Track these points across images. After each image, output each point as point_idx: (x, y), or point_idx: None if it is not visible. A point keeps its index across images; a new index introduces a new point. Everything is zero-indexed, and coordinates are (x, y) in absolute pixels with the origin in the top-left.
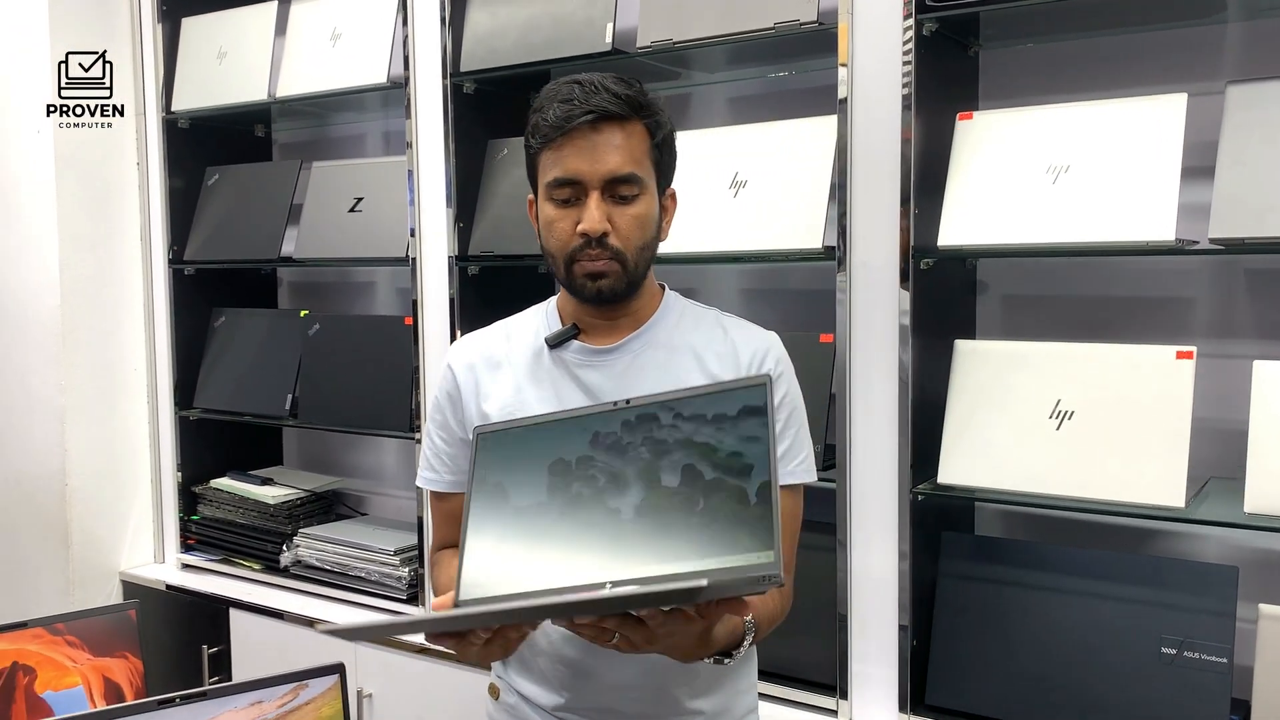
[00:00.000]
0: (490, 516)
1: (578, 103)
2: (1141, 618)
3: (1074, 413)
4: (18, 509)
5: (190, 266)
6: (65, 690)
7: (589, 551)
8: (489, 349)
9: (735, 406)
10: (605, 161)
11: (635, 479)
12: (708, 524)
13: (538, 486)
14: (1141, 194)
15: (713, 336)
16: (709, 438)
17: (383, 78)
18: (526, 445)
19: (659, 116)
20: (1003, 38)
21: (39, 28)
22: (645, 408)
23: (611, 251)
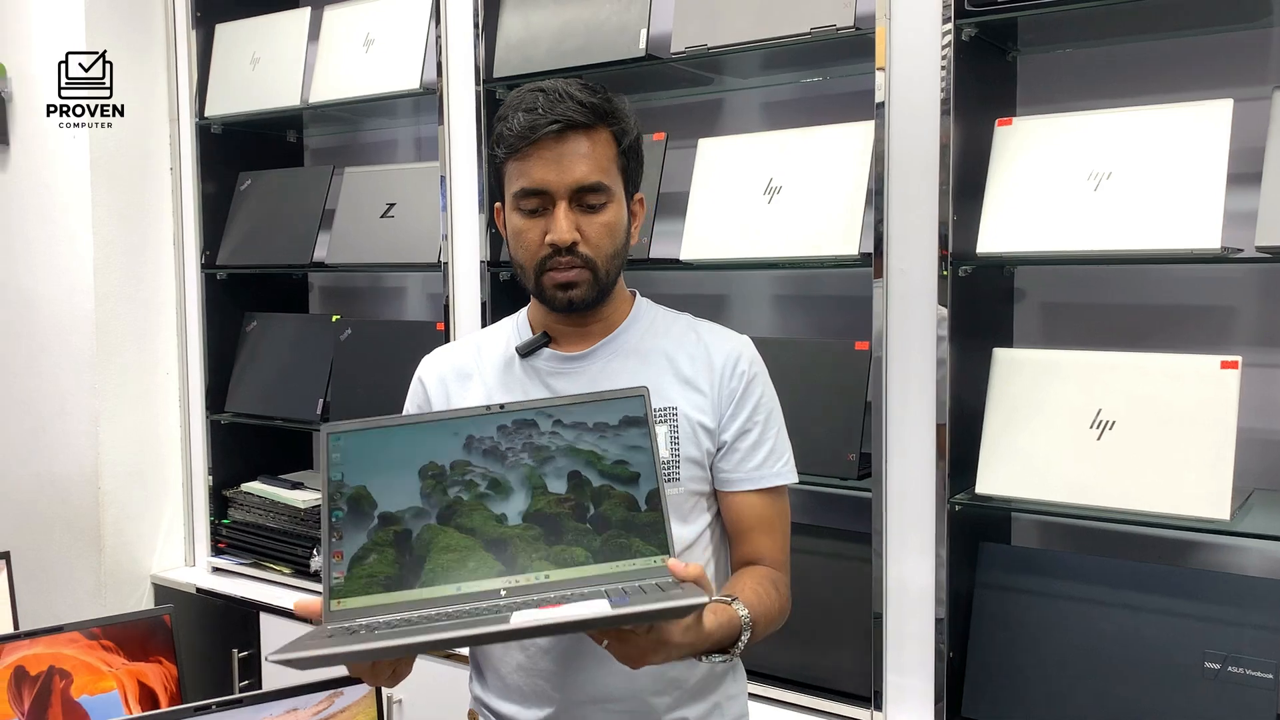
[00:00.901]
0: (356, 523)
1: (542, 111)
2: (1185, 632)
3: (1115, 423)
4: (51, 511)
5: (223, 271)
6: (101, 695)
7: (479, 557)
8: (459, 361)
9: (616, 416)
10: (571, 171)
11: (519, 485)
12: (600, 530)
13: (409, 491)
14: (1186, 201)
15: (685, 340)
16: (593, 445)
17: (415, 84)
18: (389, 448)
19: (625, 123)
20: (1041, 43)
21: (75, 33)
22: (522, 413)
23: (582, 259)
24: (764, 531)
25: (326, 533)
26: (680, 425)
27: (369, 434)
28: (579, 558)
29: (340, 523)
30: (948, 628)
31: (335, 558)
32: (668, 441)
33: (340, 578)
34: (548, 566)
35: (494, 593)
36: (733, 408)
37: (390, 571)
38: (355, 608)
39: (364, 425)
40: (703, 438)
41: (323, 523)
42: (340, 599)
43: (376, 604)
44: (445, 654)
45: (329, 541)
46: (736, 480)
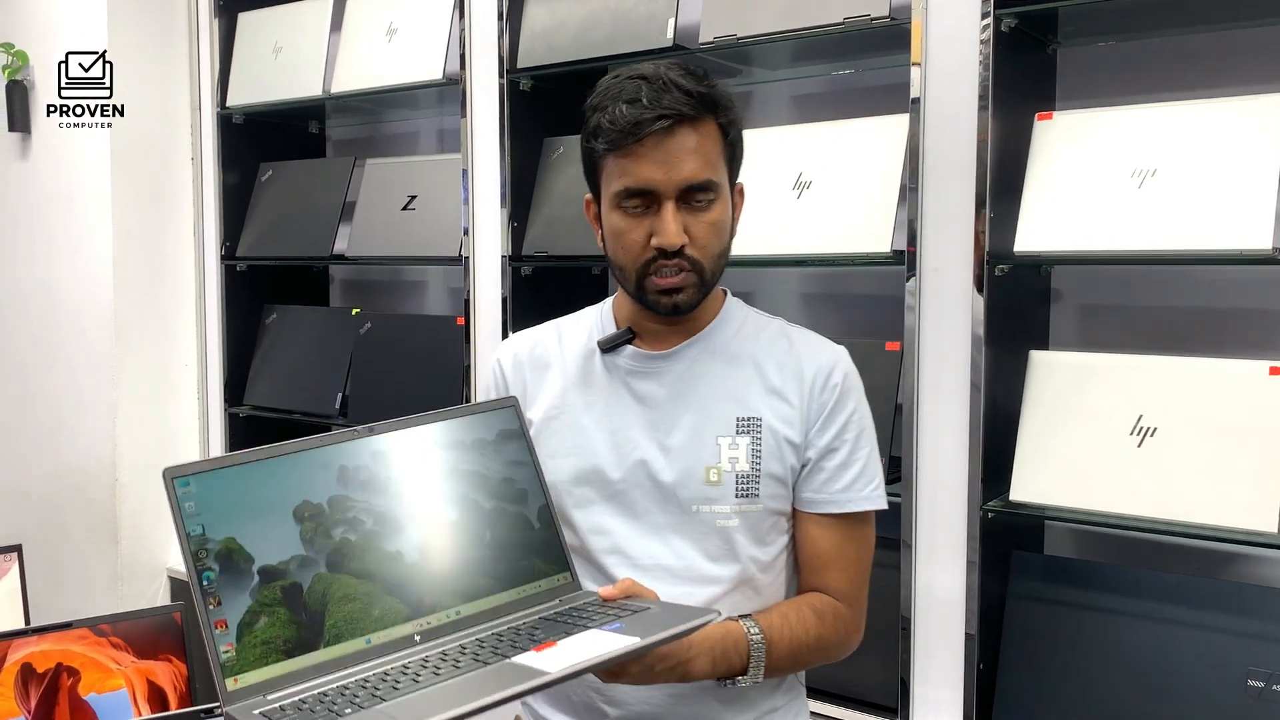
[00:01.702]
0: (235, 583)
1: (647, 104)
2: (1227, 647)
3: (1157, 429)
4: (68, 503)
5: (243, 263)
6: (109, 693)
7: (383, 604)
8: (539, 348)
9: (492, 430)
10: (680, 169)
11: (407, 519)
12: (500, 555)
13: (288, 538)
14: (1235, 199)
15: (775, 347)
16: (476, 465)
17: (439, 74)
18: (253, 489)
19: (731, 112)
20: (1083, 35)
21: (98, 23)
22: (393, 432)
23: (689, 262)
24: (836, 566)
25: (200, 600)
26: (764, 439)
27: (224, 474)
28: (486, 588)
29: (214, 585)
30: (978, 638)
31: (218, 628)
32: (749, 455)
33: (230, 650)
34: (457, 602)
35: (408, 639)
36: (821, 422)
37: (287, 634)
38: (258, 682)
39: (214, 465)
40: (788, 453)
41: (192, 589)
42: (237, 675)
43: (282, 674)
44: None
45: (205, 610)
46: (819, 502)
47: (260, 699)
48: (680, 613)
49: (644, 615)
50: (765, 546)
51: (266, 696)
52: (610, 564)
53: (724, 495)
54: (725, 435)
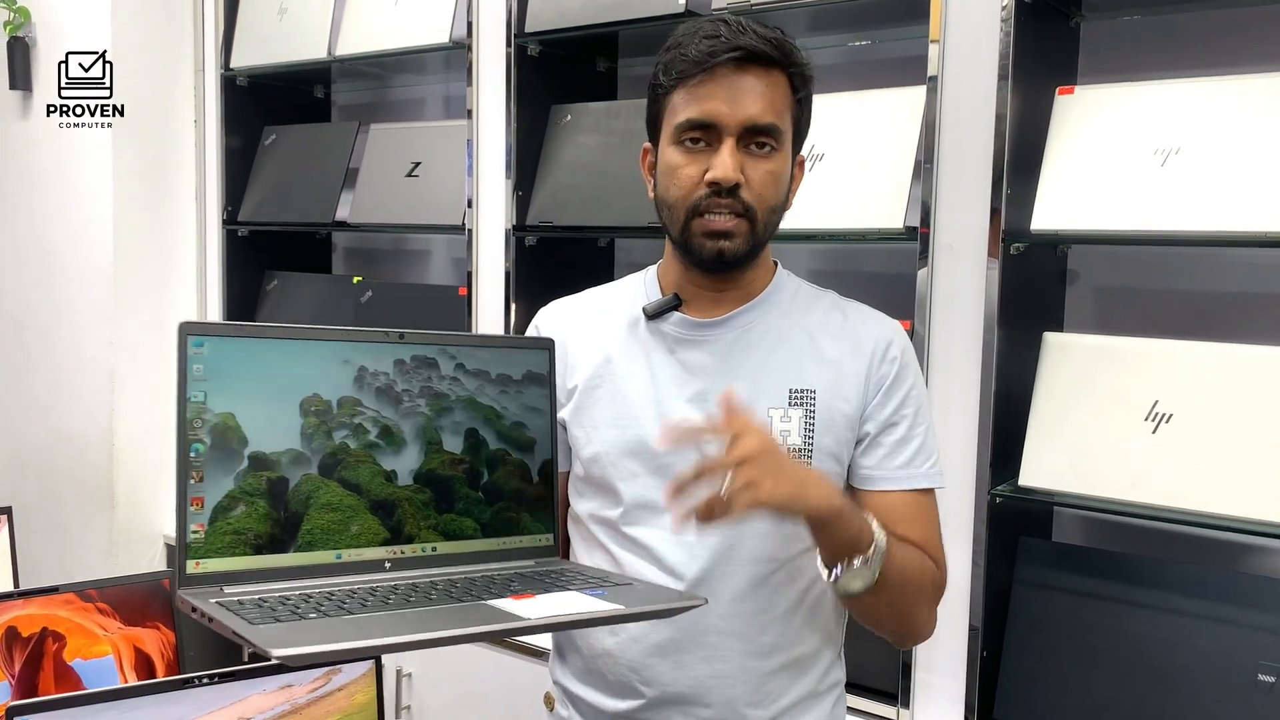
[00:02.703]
0: (222, 462)
1: (724, 39)
2: (1238, 640)
3: (1173, 415)
4: (64, 467)
5: (244, 228)
6: (95, 659)
7: (363, 520)
8: (580, 314)
9: (520, 369)
10: (746, 106)
11: (413, 438)
12: (491, 500)
13: (287, 429)
14: (1263, 181)
15: (829, 319)
16: (493, 400)
17: (445, 38)
18: (266, 367)
19: (805, 69)
20: (1107, 7)
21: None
22: (423, 346)
23: (742, 205)
24: (911, 527)
25: (183, 470)
26: (819, 411)
27: (241, 344)
28: (467, 529)
29: (201, 459)
30: (982, 625)
31: (194, 505)
32: (802, 428)
33: (200, 532)
34: (435, 538)
35: (379, 563)
36: (880, 396)
37: (260, 529)
38: (219, 571)
39: (234, 331)
40: (842, 428)
41: (177, 453)
42: (199, 559)
43: (244, 568)
44: None
45: (185, 483)
46: (879, 479)
47: (217, 589)
48: (665, 593)
49: (627, 589)
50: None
51: (224, 588)
52: (651, 538)
53: None
54: (777, 407)
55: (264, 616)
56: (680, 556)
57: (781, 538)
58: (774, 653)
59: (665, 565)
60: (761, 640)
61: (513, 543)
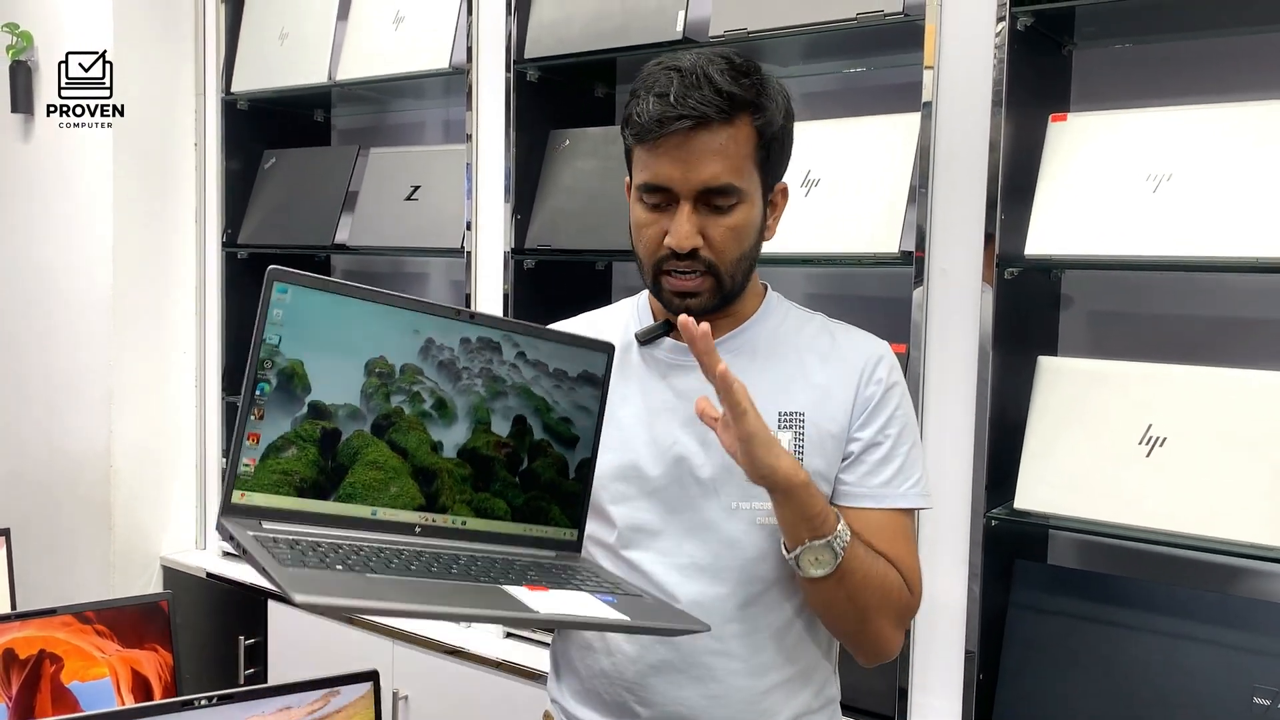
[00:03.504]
0: (283, 405)
1: (675, 101)
2: (1233, 664)
3: (1167, 439)
4: (62, 488)
5: (244, 250)
6: (92, 681)
7: (402, 483)
8: None
9: (577, 367)
10: (700, 171)
11: (464, 415)
12: (526, 487)
13: (349, 384)
14: (1253, 207)
15: (818, 342)
16: (546, 392)
17: (445, 63)
18: (341, 323)
19: (768, 112)
20: (1099, 36)
21: (102, 8)
22: (490, 330)
23: (704, 265)
24: (886, 545)
25: (246, 402)
26: (807, 433)
27: (323, 298)
28: (499, 510)
29: (264, 399)
30: (979, 648)
31: (250, 440)
32: (791, 450)
33: (251, 466)
34: (467, 513)
35: (409, 526)
36: (865, 416)
37: (306, 474)
38: (259, 505)
39: (321, 284)
40: (830, 448)
41: (244, 388)
42: (245, 491)
43: (284, 507)
44: (458, 651)
45: (245, 418)
46: (858, 495)
47: (256, 523)
48: (672, 613)
49: (637, 600)
50: None
51: (262, 523)
52: (646, 561)
53: (764, 492)
54: None
55: (294, 559)
56: (674, 578)
57: (774, 559)
58: (769, 671)
59: (659, 587)
60: (756, 660)
61: (538, 531)
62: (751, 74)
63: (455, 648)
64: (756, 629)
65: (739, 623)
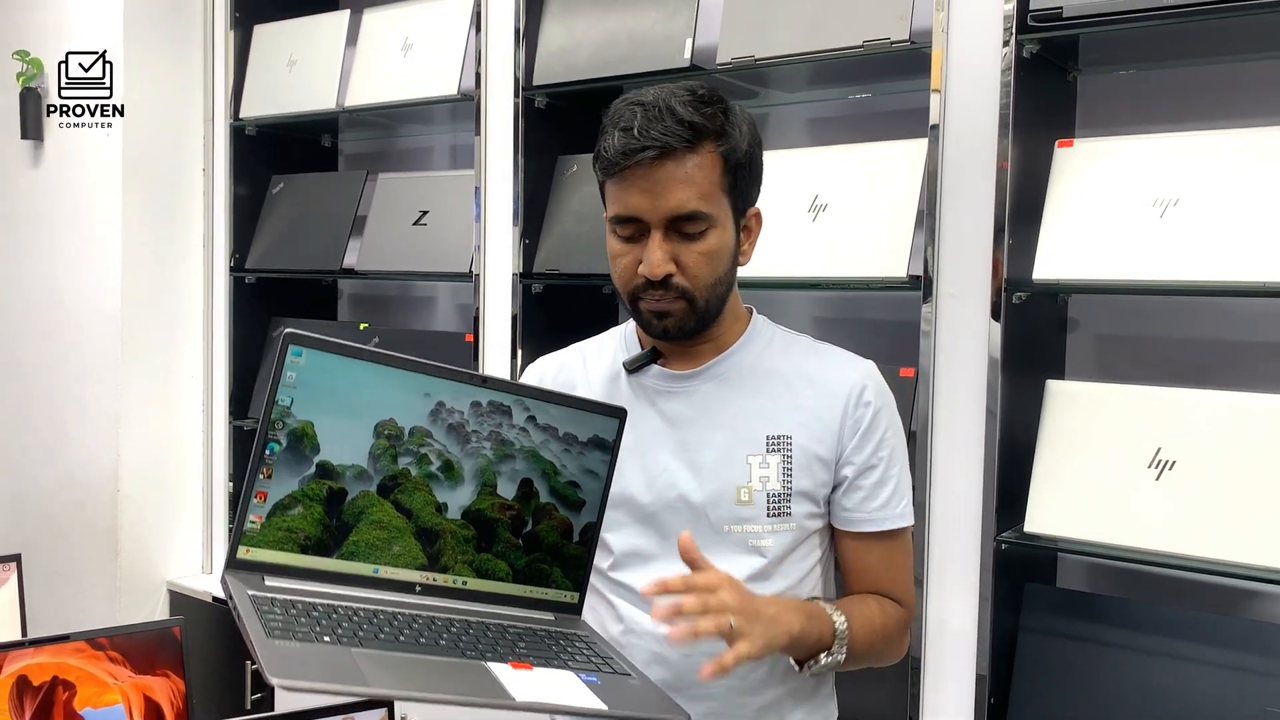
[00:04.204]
0: (291, 465)
1: (638, 134)
2: (1244, 686)
3: (1176, 463)
4: (69, 513)
5: (251, 275)
6: (104, 708)
7: (405, 543)
8: (565, 371)
9: (587, 432)
10: (667, 200)
11: (470, 477)
12: (529, 549)
13: (357, 446)
14: (1259, 231)
15: (804, 365)
16: (554, 456)
17: (453, 90)
18: (352, 384)
19: (732, 139)
20: (1104, 63)
21: (114, 33)
22: (501, 394)
23: (678, 291)
24: (883, 574)
25: (255, 461)
26: (795, 457)
27: (337, 360)
28: (500, 571)
29: (274, 458)
30: (990, 671)
31: (258, 498)
32: (780, 473)
33: (257, 523)
34: (468, 573)
35: (409, 585)
36: (856, 441)
37: (311, 532)
38: (263, 561)
39: (336, 348)
40: (818, 470)
41: (254, 447)
42: (250, 547)
43: (286, 563)
44: None
45: (254, 476)
46: (858, 520)
47: (258, 579)
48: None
49: (622, 682)
50: (797, 563)
51: (265, 579)
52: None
53: (756, 515)
54: (755, 454)
55: (284, 628)
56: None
57: (765, 580)
58: (763, 689)
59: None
60: (752, 677)
61: (538, 593)
62: (714, 103)
63: None
64: None
65: None
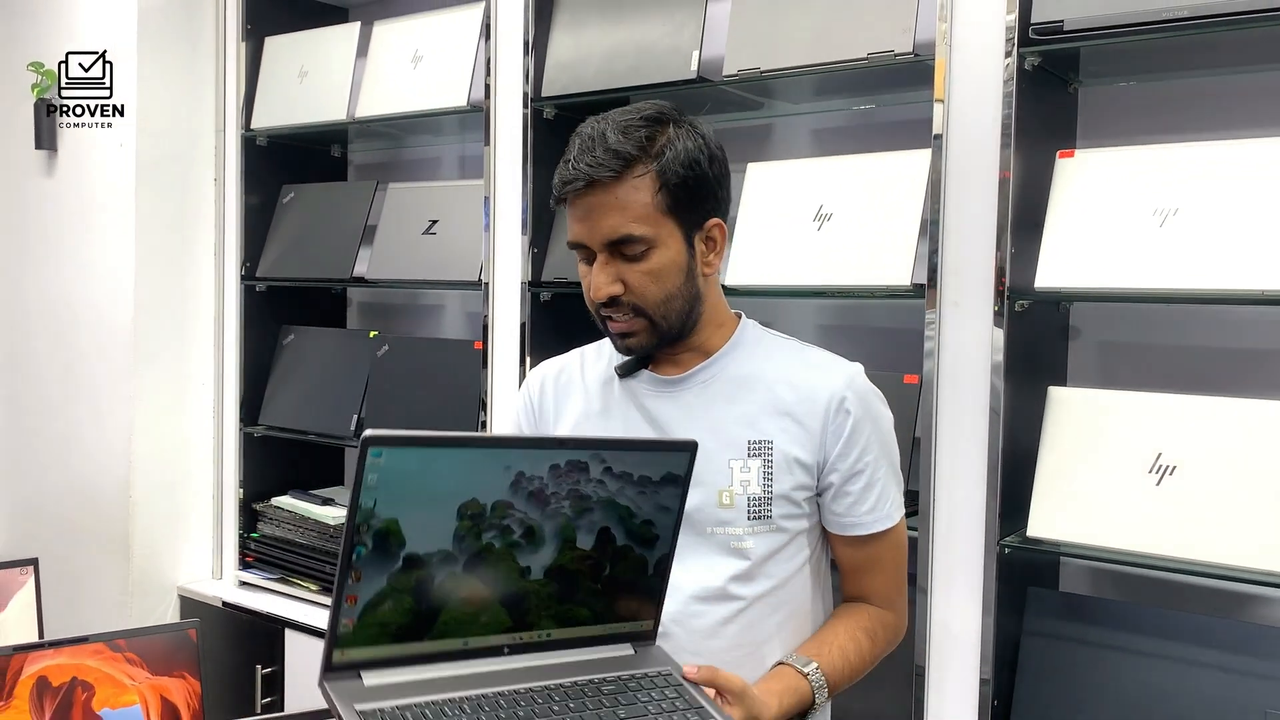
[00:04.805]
0: (379, 563)
1: (572, 165)
2: (1244, 689)
3: (1176, 468)
4: (82, 518)
5: (262, 283)
6: (122, 709)
7: (492, 611)
8: (564, 374)
9: (660, 470)
10: (600, 226)
11: (551, 537)
12: (608, 592)
13: (442, 531)
14: (1258, 240)
15: (789, 368)
16: (629, 500)
17: (463, 101)
18: (433, 474)
19: (665, 160)
20: (1104, 75)
21: (127, 44)
22: (578, 452)
23: (631, 309)
24: (874, 571)
25: (343, 568)
26: (775, 460)
27: (415, 453)
28: (582, 617)
29: (361, 562)
30: (993, 675)
31: (349, 602)
32: (760, 477)
33: (349, 625)
34: (552, 625)
35: (499, 648)
36: (840, 447)
37: (402, 621)
38: (359, 659)
39: (411, 440)
40: (799, 473)
41: (341, 554)
42: (345, 649)
43: (382, 656)
44: None
45: (344, 580)
46: (849, 525)
47: (355, 675)
48: None
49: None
50: (782, 564)
51: (362, 674)
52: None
53: (737, 518)
54: (737, 458)
55: None
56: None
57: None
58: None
59: None
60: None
61: (617, 627)
62: (649, 125)
63: None
64: (737, 645)
65: (719, 639)
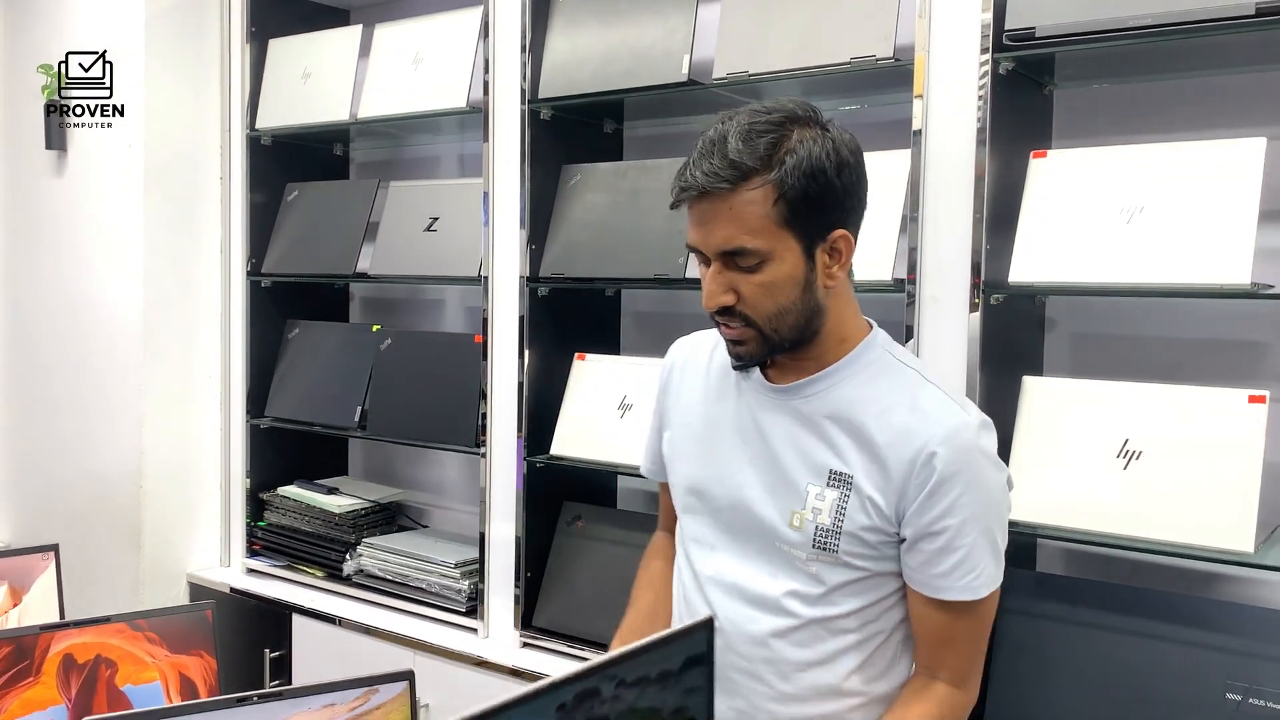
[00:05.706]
0: None
1: (689, 172)
2: (1207, 663)
3: (1142, 453)
4: (94, 508)
5: (267, 279)
6: (144, 685)
7: None
8: (696, 354)
9: (679, 658)
10: (714, 235)
11: None
12: None
13: None
14: (1217, 236)
15: (894, 401)
16: (653, 700)
17: (462, 102)
18: None
19: (785, 171)
20: (1078, 78)
21: (134, 46)
22: (582, 682)
23: (742, 320)
24: (943, 645)
25: None
26: (852, 497)
27: None
28: None
29: None
30: None
31: None
32: (833, 509)
33: None
34: None
35: None
36: (919, 503)
37: None
38: None
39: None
40: (874, 515)
41: None
42: None
43: None
44: (482, 661)
45: None
46: (917, 582)
47: None
48: None
49: None
50: (854, 597)
51: None
52: (700, 570)
53: (802, 543)
54: (815, 484)
55: None
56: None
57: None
58: (791, 703)
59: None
60: (781, 688)
61: None
62: (770, 133)
63: (476, 657)
64: (784, 659)
65: (766, 649)
